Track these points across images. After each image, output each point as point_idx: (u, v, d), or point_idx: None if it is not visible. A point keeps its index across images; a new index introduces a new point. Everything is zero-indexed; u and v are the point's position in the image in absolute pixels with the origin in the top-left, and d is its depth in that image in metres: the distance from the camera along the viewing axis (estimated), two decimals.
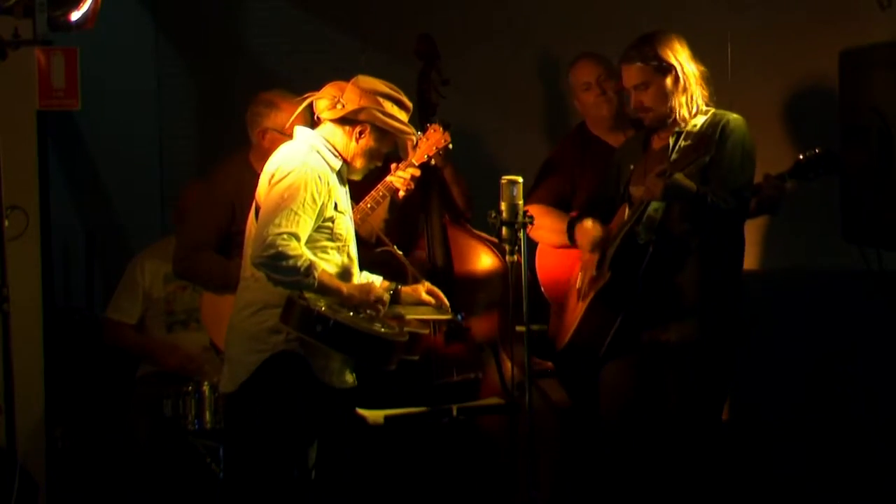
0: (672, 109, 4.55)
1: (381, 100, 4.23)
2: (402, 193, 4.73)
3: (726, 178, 4.45)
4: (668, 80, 4.54)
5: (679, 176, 4.35)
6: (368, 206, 4.68)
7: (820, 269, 5.52)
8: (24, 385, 4.46)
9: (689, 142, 4.51)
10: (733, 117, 4.58)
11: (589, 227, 4.64)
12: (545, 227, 4.92)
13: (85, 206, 6.42)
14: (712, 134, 4.41)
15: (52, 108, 5.15)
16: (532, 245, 4.97)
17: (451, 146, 4.80)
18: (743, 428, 5.50)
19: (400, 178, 4.70)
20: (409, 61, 5.22)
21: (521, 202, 4.12)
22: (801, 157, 4.44)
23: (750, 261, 5.69)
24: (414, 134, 4.31)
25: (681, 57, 4.57)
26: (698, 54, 5.23)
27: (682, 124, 4.56)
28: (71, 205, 6.33)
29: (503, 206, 4.13)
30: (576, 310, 4.66)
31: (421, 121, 4.56)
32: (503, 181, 4.14)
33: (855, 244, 4.80)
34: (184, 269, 4.93)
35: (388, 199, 4.75)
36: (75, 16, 4.01)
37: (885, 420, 5.18)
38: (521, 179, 4.15)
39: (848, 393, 5.32)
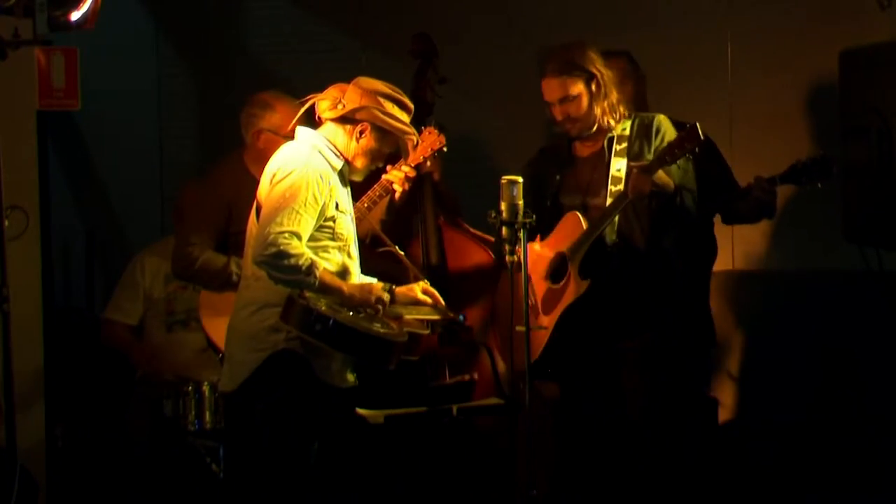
0: (596, 117, 4.58)
1: (381, 100, 4.24)
2: (398, 193, 4.74)
3: (673, 174, 4.46)
4: (593, 88, 4.57)
5: (662, 174, 4.37)
6: (365, 205, 4.70)
7: (820, 269, 5.52)
8: (24, 385, 4.46)
9: (623, 145, 4.54)
10: (660, 116, 4.63)
11: (538, 251, 4.64)
12: None
13: (85, 206, 6.43)
14: (694, 125, 4.37)
15: (52, 108, 5.15)
16: None
17: (445, 149, 4.81)
18: (743, 428, 5.51)
19: (396, 176, 4.72)
20: (409, 61, 5.22)
21: (521, 202, 4.12)
22: (796, 162, 4.44)
23: (751, 261, 5.72)
24: (415, 134, 4.31)
25: (599, 64, 4.59)
26: (698, 54, 5.24)
27: (608, 129, 4.57)
28: (71, 205, 6.33)
29: (503, 206, 4.12)
30: (540, 321, 4.64)
31: (416, 120, 4.56)
32: (503, 181, 4.13)
33: (855, 244, 4.81)
34: (182, 270, 4.93)
35: (386, 199, 4.76)
36: (75, 16, 4.01)
37: (885, 420, 5.18)
38: (521, 179, 4.15)
39: (848, 393, 5.33)
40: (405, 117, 4.28)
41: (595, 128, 4.61)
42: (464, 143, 5.37)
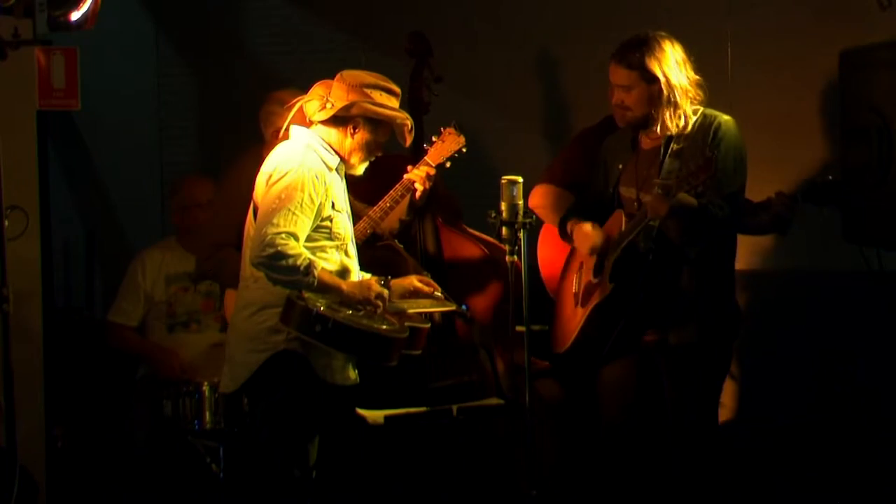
0: (651, 117, 4.51)
1: (368, 91, 4.22)
2: (419, 192, 4.76)
3: (720, 183, 4.43)
4: (653, 89, 4.48)
5: (683, 195, 4.33)
6: (387, 205, 4.74)
7: (820, 269, 5.52)
8: (24, 385, 4.45)
9: (681, 145, 4.49)
10: (724, 119, 4.54)
11: (589, 232, 4.59)
12: (546, 206, 4.98)
13: (85, 206, 6.43)
14: (714, 150, 4.35)
15: (52, 108, 5.15)
16: (532, 241, 4.97)
17: (465, 149, 4.83)
18: (743, 428, 5.50)
19: (417, 175, 4.73)
20: (409, 60, 5.22)
21: (521, 202, 4.12)
22: (817, 181, 4.46)
23: (751, 261, 5.71)
24: (408, 118, 4.28)
25: (666, 67, 4.47)
26: (698, 54, 5.24)
27: (668, 131, 4.54)
28: (71, 205, 6.33)
29: (503, 206, 4.12)
30: (575, 316, 4.65)
31: (414, 119, 4.58)
32: (503, 181, 4.13)
33: (855, 244, 4.80)
34: (207, 269, 4.95)
35: (407, 198, 4.77)
36: (75, 16, 4.02)
37: (885, 420, 5.18)
38: (520, 179, 4.15)
39: (848, 393, 5.32)
40: (395, 102, 4.26)
41: (653, 127, 4.53)
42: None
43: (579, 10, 5.90)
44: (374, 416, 4.65)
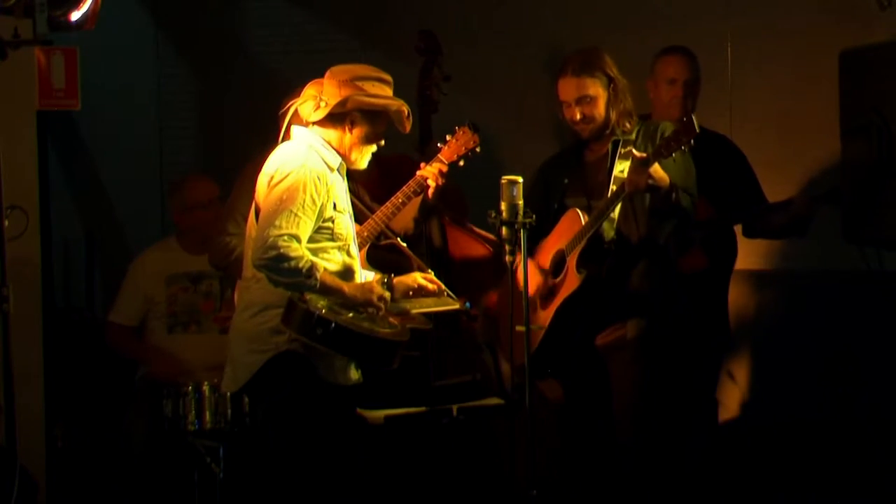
0: (611, 121, 4.62)
1: (360, 83, 4.21)
2: (432, 188, 4.75)
3: (673, 177, 4.47)
4: (610, 91, 4.61)
5: (657, 167, 4.38)
6: (399, 200, 4.72)
7: (820, 269, 5.52)
8: (24, 385, 4.46)
9: (627, 148, 4.57)
10: (666, 122, 4.65)
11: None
12: None
13: (85, 206, 6.43)
14: (690, 118, 4.37)
15: (52, 108, 5.15)
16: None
17: (479, 149, 4.83)
18: (744, 428, 5.51)
19: (429, 172, 4.73)
20: (410, 60, 5.22)
21: (521, 202, 4.12)
22: (837, 185, 4.54)
23: (751, 261, 5.72)
24: (403, 104, 4.27)
25: (615, 70, 4.63)
26: (698, 54, 5.24)
27: (620, 133, 4.61)
28: (71, 205, 6.34)
29: (503, 206, 4.13)
30: (536, 320, 4.66)
31: (422, 118, 4.57)
32: (503, 181, 4.13)
33: (855, 244, 4.81)
34: (219, 260, 4.95)
35: (420, 197, 4.77)
36: (75, 16, 4.01)
37: (886, 420, 5.18)
38: (521, 179, 4.15)
39: (849, 393, 5.33)
40: (388, 91, 4.24)
41: (609, 131, 4.62)
42: None
43: (580, 11, 5.90)
44: (374, 416, 4.65)
